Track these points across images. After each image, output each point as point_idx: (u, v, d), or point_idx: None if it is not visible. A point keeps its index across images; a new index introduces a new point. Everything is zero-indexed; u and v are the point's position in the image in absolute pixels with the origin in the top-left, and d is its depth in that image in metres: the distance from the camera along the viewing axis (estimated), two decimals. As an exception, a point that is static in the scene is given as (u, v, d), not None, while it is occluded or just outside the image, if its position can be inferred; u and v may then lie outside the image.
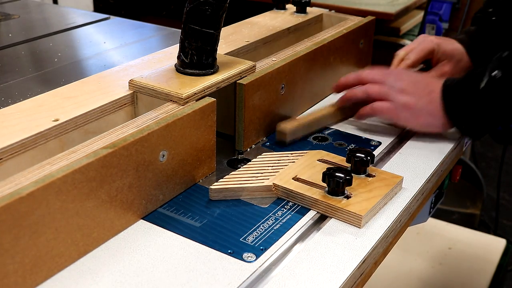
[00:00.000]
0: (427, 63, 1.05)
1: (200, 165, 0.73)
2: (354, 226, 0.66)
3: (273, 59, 0.87)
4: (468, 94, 0.81)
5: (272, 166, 0.74)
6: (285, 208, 0.69)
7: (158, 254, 0.60)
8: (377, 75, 0.89)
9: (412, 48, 1.03)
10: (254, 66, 0.81)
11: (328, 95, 1.01)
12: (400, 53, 1.03)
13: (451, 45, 1.03)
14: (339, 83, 0.93)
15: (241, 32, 0.99)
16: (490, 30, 1.04)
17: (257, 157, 0.77)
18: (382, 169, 0.77)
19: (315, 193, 0.69)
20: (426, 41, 1.02)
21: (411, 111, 0.84)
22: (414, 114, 0.84)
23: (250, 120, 0.80)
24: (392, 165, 0.80)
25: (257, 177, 0.72)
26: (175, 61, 0.77)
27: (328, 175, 0.68)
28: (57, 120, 0.66)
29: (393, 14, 1.69)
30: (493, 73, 0.79)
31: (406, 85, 0.85)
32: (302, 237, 0.64)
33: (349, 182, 0.68)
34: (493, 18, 1.04)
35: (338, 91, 0.93)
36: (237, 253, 0.61)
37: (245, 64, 0.80)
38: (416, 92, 0.84)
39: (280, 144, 0.84)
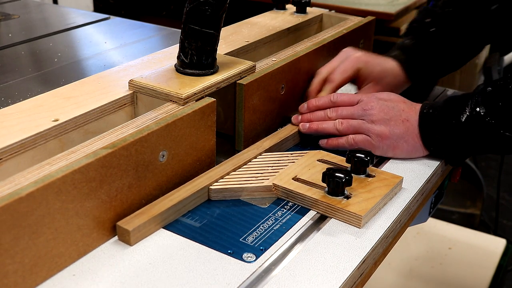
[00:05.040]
0: (352, 82, 0.95)
1: (200, 165, 0.73)
2: (354, 226, 0.66)
3: (273, 59, 0.87)
4: (448, 126, 0.77)
5: (272, 166, 0.74)
6: (285, 208, 0.69)
7: (158, 254, 0.60)
8: (345, 111, 0.82)
9: (335, 67, 0.91)
10: (254, 66, 0.81)
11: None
12: (322, 71, 0.91)
13: (380, 65, 0.93)
14: (309, 104, 0.85)
15: (241, 32, 0.99)
16: (429, 43, 0.96)
17: (257, 157, 0.77)
18: (382, 169, 0.77)
19: (315, 193, 0.69)
20: (351, 59, 0.91)
21: (387, 141, 0.79)
22: (390, 144, 0.80)
23: (250, 120, 0.80)
24: (392, 165, 0.80)
25: (257, 177, 0.72)
26: (175, 61, 0.77)
27: (328, 175, 0.68)
28: (57, 120, 0.66)
29: (393, 14, 1.69)
30: (477, 109, 0.76)
31: (377, 113, 0.80)
32: (302, 237, 0.64)
33: (349, 183, 0.68)
34: (432, 30, 0.96)
35: (304, 112, 0.86)
36: (237, 254, 0.61)
37: (245, 64, 0.80)
38: (390, 120, 0.80)
39: None
